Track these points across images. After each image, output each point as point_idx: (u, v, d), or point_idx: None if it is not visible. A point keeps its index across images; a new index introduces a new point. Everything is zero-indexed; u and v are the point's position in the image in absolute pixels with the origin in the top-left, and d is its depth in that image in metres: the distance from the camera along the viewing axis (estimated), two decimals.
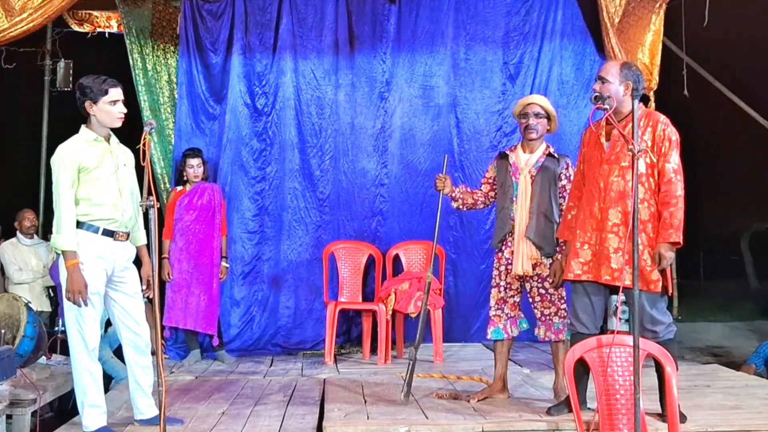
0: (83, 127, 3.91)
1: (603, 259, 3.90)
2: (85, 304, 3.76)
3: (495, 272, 4.55)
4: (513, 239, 4.43)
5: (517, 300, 4.53)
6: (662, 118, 3.99)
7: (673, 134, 3.90)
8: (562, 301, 4.46)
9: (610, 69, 3.99)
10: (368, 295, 6.44)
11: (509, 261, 4.45)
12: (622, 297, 3.67)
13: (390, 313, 5.80)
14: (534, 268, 4.40)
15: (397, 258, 6.43)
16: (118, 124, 3.94)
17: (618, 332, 3.33)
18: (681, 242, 3.83)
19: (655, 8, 6.47)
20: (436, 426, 3.96)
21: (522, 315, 4.57)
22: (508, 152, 4.61)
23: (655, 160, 3.86)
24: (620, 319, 4.73)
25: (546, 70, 6.79)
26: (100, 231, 3.85)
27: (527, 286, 4.48)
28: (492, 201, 4.67)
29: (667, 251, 3.81)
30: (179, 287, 5.86)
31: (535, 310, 4.49)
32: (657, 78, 6.59)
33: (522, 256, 4.38)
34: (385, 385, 4.94)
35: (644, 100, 6.47)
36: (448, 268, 6.56)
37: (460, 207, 4.70)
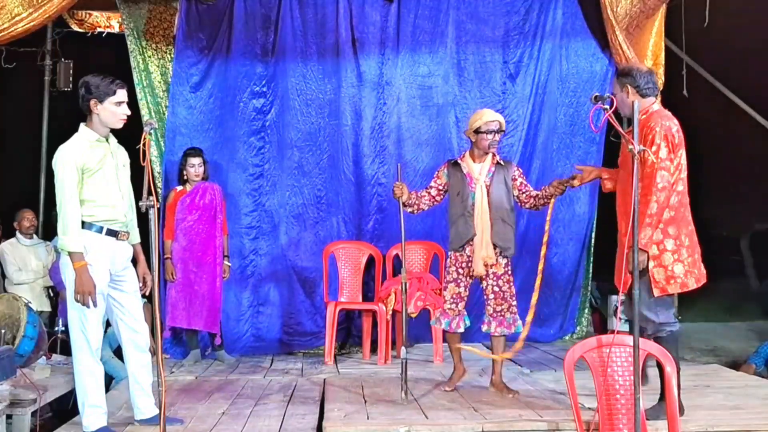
0: (83, 127, 3.91)
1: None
2: (95, 305, 3.77)
3: (452, 269, 4.80)
4: (473, 244, 4.69)
5: (468, 297, 4.86)
6: (664, 118, 3.96)
7: (658, 126, 3.87)
8: (513, 298, 4.75)
9: (614, 82, 4.12)
10: (368, 295, 6.44)
11: (470, 260, 4.71)
12: (621, 297, 3.68)
13: (390, 313, 5.81)
14: (490, 267, 4.69)
15: (397, 258, 6.43)
16: (120, 125, 3.95)
17: (618, 332, 3.33)
18: (642, 247, 3.79)
19: (656, 15, 6.48)
20: (436, 426, 3.96)
21: (465, 312, 4.86)
22: (459, 161, 4.81)
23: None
24: (620, 319, 4.75)
25: (546, 69, 6.79)
26: (104, 231, 3.88)
27: (483, 284, 4.76)
28: (435, 204, 4.92)
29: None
30: (183, 287, 5.86)
31: (488, 307, 4.75)
32: (663, 77, 6.59)
33: (480, 259, 4.67)
34: (385, 385, 4.94)
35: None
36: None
37: (414, 212, 4.93)
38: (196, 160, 5.94)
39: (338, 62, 6.63)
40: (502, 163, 4.78)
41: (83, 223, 3.83)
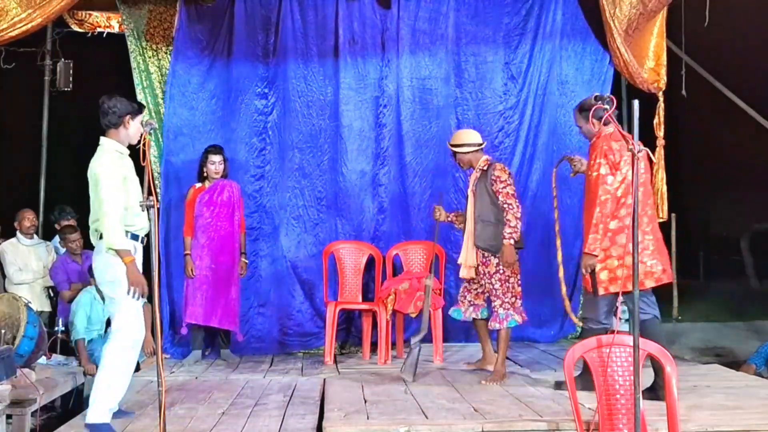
0: (110, 140, 4.08)
1: None
2: (144, 297, 3.98)
3: None
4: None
5: (480, 291, 5.25)
6: (609, 140, 4.39)
7: (598, 147, 4.39)
8: (507, 294, 5.07)
9: (575, 116, 4.69)
10: (368, 296, 6.44)
11: None
12: (621, 297, 3.72)
13: (390, 313, 5.80)
14: (484, 267, 5.10)
15: (397, 258, 6.43)
16: (135, 141, 4.14)
17: (618, 332, 3.33)
18: (589, 251, 4.36)
19: (657, 16, 6.47)
20: (436, 426, 3.96)
21: (485, 305, 5.25)
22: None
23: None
24: (620, 319, 4.79)
25: (546, 70, 6.79)
26: (139, 239, 4.10)
27: (481, 282, 5.18)
28: None
29: (583, 259, 4.42)
30: (200, 284, 5.86)
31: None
32: (665, 77, 6.59)
33: (464, 263, 5.18)
34: (385, 386, 4.94)
35: (653, 99, 6.50)
36: (449, 268, 6.57)
37: (463, 228, 5.31)
38: (216, 158, 5.96)
39: (339, 64, 6.64)
40: (485, 168, 5.17)
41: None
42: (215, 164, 5.95)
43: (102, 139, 4.11)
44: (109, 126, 4.10)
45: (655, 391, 4.08)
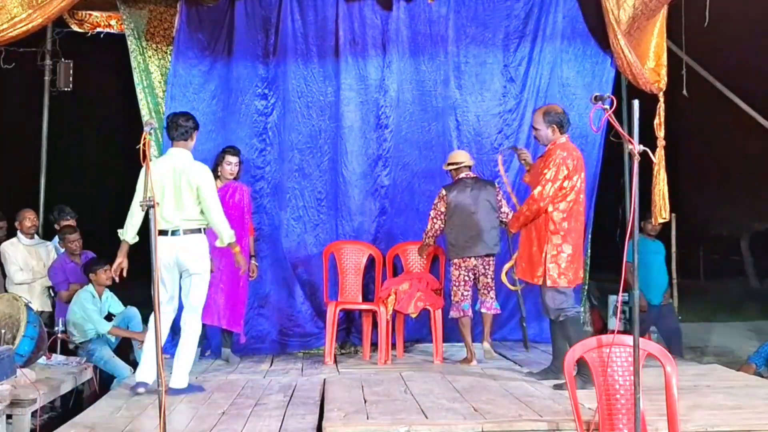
0: (183, 150, 4.81)
1: None
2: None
3: None
4: None
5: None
6: (564, 149, 4.74)
7: (554, 154, 4.72)
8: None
9: (537, 118, 4.93)
10: (368, 295, 6.44)
11: None
12: (623, 297, 3.78)
13: (390, 313, 5.80)
14: None
15: (397, 258, 6.43)
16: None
17: (618, 332, 3.33)
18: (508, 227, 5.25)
19: (658, 15, 6.47)
20: (436, 426, 3.96)
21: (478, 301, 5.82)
22: None
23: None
24: (620, 319, 4.83)
25: (547, 72, 6.79)
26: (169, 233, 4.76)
27: None
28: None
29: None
30: (209, 285, 5.84)
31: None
32: (665, 77, 6.60)
33: None
34: (385, 385, 4.94)
35: (653, 100, 6.50)
36: (449, 269, 6.57)
37: None
38: (233, 159, 5.95)
39: (338, 65, 6.64)
40: None
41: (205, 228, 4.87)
42: (231, 165, 5.94)
43: (174, 149, 4.83)
44: (179, 138, 4.84)
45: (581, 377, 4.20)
